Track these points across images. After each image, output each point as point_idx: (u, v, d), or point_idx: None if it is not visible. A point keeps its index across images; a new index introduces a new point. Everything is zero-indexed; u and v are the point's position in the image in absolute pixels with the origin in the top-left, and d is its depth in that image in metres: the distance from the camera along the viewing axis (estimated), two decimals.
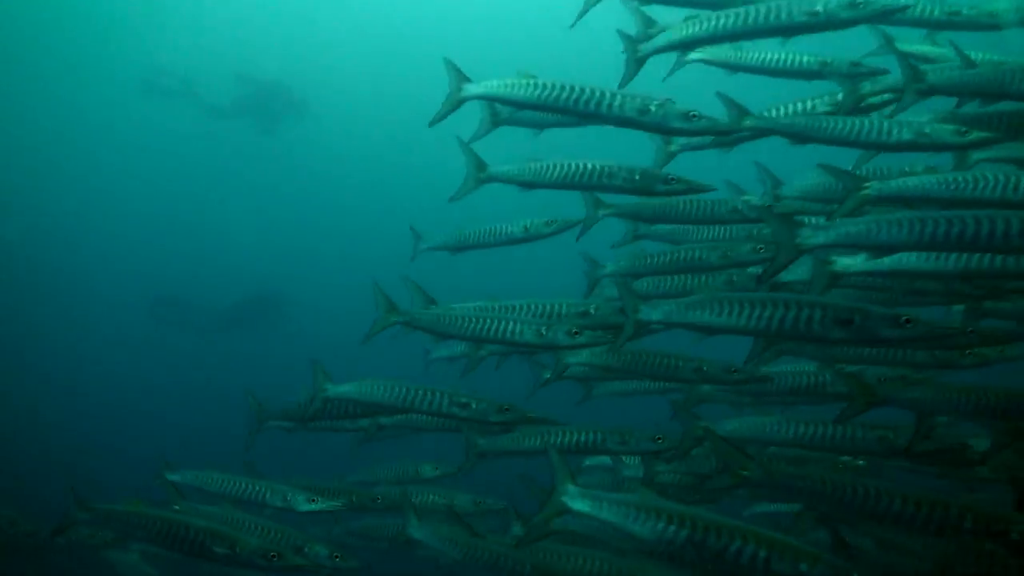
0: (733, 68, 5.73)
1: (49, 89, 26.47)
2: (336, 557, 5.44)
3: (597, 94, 5.00)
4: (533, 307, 5.93)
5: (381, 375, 6.11)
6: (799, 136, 5.17)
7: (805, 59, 5.62)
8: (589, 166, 5.43)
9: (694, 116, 4.86)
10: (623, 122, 5.02)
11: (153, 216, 26.17)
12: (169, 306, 22.49)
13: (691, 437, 5.60)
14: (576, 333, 5.43)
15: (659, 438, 5.94)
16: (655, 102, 4.87)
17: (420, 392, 5.65)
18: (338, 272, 23.33)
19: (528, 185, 5.63)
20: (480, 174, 5.72)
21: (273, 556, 5.09)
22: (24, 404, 16.72)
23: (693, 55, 5.82)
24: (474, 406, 5.54)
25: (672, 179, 5.30)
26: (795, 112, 5.55)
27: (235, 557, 5.13)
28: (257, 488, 6.71)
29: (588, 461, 7.94)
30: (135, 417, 17.29)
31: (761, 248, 5.59)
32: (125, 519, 5.38)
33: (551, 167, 5.54)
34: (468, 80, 5.29)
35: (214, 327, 21.74)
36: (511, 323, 5.59)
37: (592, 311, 5.84)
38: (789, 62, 5.64)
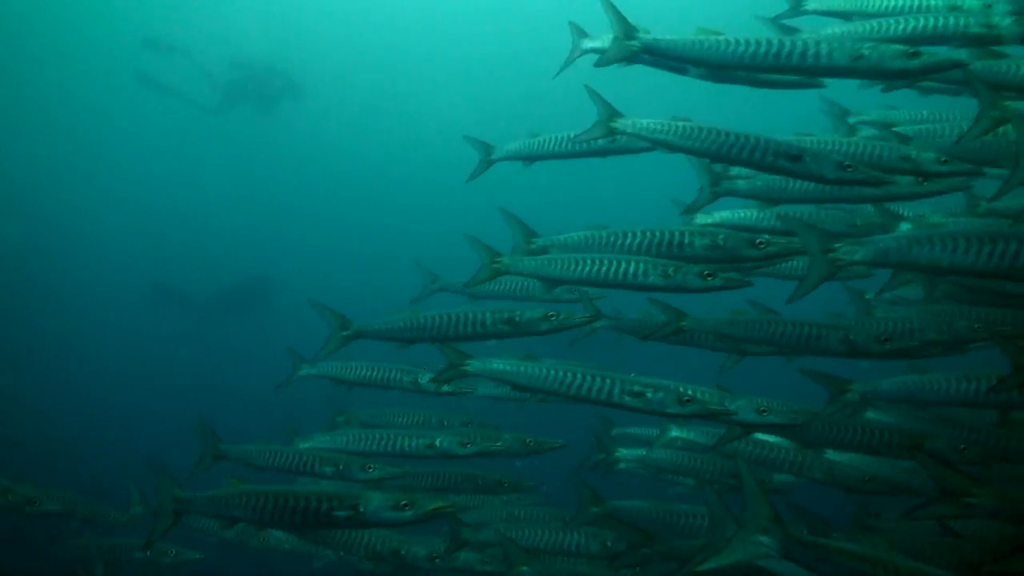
0: (851, 17, 5.63)
1: (41, 77, 25.36)
2: None
3: (800, 44, 4.46)
4: (649, 236, 5.15)
5: None
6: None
7: (932, 3, 5.16)
8: (741, 137, 4.69)
9: (914, 54, 4.43)
10: (832, 71, 4.49)
11: (148, 203, 25.04)
12: (166, 293, 21.14)
13: (842, 406, 5.18)
14: (709, 276, 4.91)
15: (763, 411, 5.05)
16: (867, 44, 4.44)
17: (584, 377, 4.68)
18: (337, 255, 23.42)
19: (665, 146, 4.94)
20: (610, 123, 5.03)
21: (405, 505, 4.54)
22: (28, 395, 15.85)
23: (811, 3, 5.73)
24: (649, 395, 4.52)
25: (848, 165, 4.63)
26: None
27: (359, 517, 4.53)
28: (306, 459, 6.05)
29: (615, 431, 7.61)
30: (138, 407, 16.41)
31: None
32: (230, 503, 4.68)
33: (700, 132, 4.76)
34: (635, 34, 4.74)
35: (214, 312, 20.59)
36: (633, 263, 4.98)
37: (720, 242, 5.07)
38: (915, 7, 5.20)
